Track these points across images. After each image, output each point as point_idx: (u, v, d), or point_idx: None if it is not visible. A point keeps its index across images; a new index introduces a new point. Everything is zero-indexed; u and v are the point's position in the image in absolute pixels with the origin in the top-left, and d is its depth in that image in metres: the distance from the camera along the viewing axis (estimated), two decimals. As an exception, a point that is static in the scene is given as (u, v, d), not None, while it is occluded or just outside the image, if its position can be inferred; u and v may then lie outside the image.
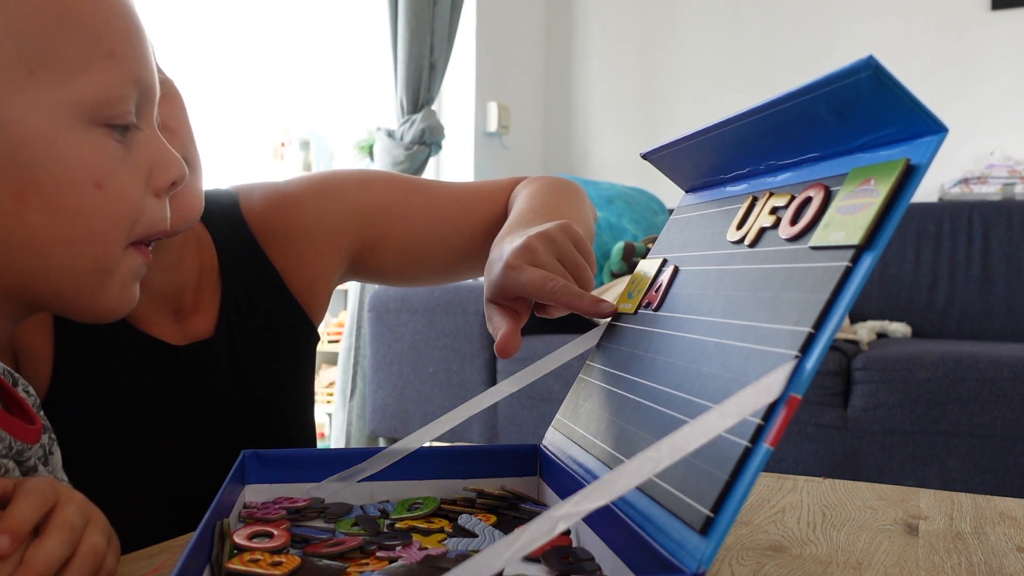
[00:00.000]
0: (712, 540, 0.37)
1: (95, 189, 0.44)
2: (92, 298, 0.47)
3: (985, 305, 2.47)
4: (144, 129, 0.48)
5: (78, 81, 0.44)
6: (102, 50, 0.45)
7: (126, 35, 0.46)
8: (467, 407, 0.59)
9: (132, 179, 0.46)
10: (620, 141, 3.31)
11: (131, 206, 0.46)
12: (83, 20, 0.44)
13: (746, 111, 0.48)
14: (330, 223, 0.83)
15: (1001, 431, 1.83)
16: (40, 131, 0.43)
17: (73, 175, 0.44)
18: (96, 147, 0.45)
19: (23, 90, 0.43)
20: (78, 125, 0.44)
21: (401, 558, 0.47)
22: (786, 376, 0.38)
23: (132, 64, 0.46)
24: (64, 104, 0.44)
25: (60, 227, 0.44)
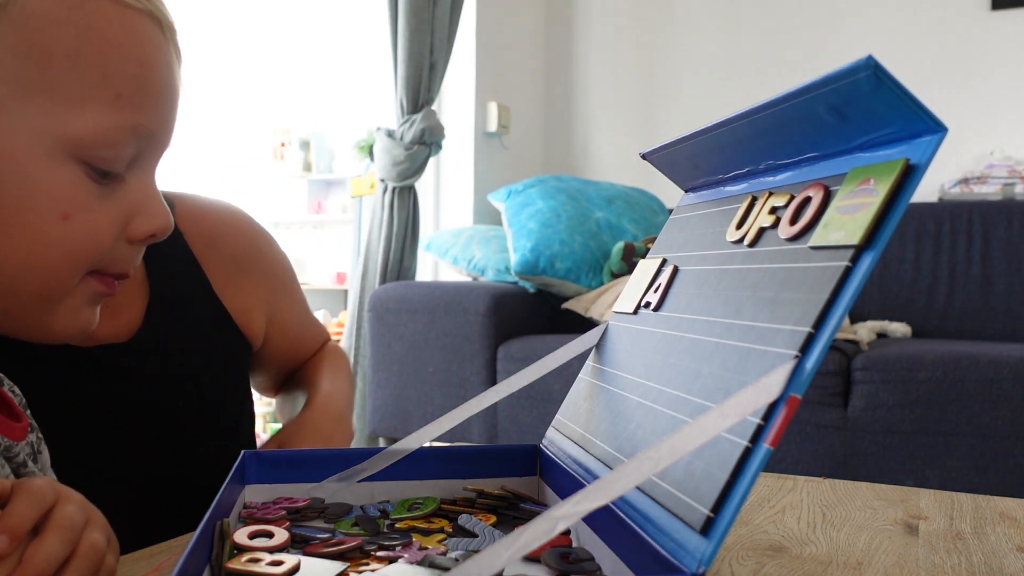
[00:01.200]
0: (712, 540, 0.37)
1: (60, 219, 0.44)
2: (40, 320, 0.47)
3: (985, 305, 2.47)
4: (136, 178, 0.47)
5: (69, 115, 0.43)
6: (106, 92, 0.44)
7: (140, 83, 0.46)
8: (467, 407, 0.59)
9: (105, 220, 0.46)
10: (620, 141, 3.31)
11: (95, 244, 0.46)
12: (94, 59, 0.44)
13: (746, 111, 0.48)
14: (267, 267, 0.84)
15: (1001, 431, 1.83)
16: (15, 150, 0.43)
17: (38, 202, 0.43)
18: (70, 181, 0.44)
19: (11, 109, 0.42)
20: (57, 157, 0.44)
21: (401, 558, 0.47)
22: (786, 376, 0.38)
23: (138, 113, 0.46)
24: (48, 134, 0.43)
25: (15, 249, 0.44)
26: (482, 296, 2.31)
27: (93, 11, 0.44)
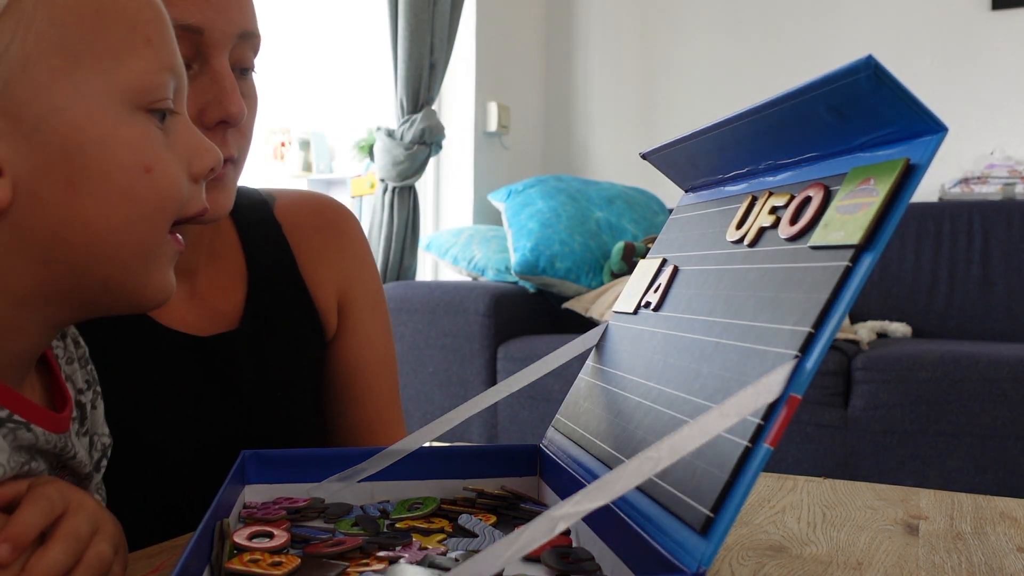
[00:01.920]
0: (712, 540, 0.37)
1: (144, 173, 0.44)
2: (139, 284, 0.47)
3: (985, 305, 2.47)
4: (179, 119, 0.48)
5: (120, 68, 0.44)
6: (138, 38, 0.45)
7: (158, 24, 0.47)
8: (467, 407, 0.59)
9: (175, 164, 0.47)
10: (620, 141, 3.31)
11: (177, 189, 0.47)
12: (117, 10, 0.45)
13: (745, 111, 0.48)
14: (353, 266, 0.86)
15: (1001, 431, 1.83)
16: (88, 118, 0.43)
17: (123, 160, 0.44)
18: (142, 132, 0.45)
19: (69, 78, 0.43)
20: (124, 111, 0.44)
21: (401, 558, 0.47)
22: (786, 376, 0.38)
23: (165, 51, 0.47)
24: (109, 91, 0.44)
25: (112, 212, 0.44)
26: (482, 296, 2.31)
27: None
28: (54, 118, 0.42)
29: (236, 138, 0.70)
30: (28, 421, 0.45)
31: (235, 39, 0.68)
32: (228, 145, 0.69)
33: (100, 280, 0.46)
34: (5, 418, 0.44)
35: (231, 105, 0.66)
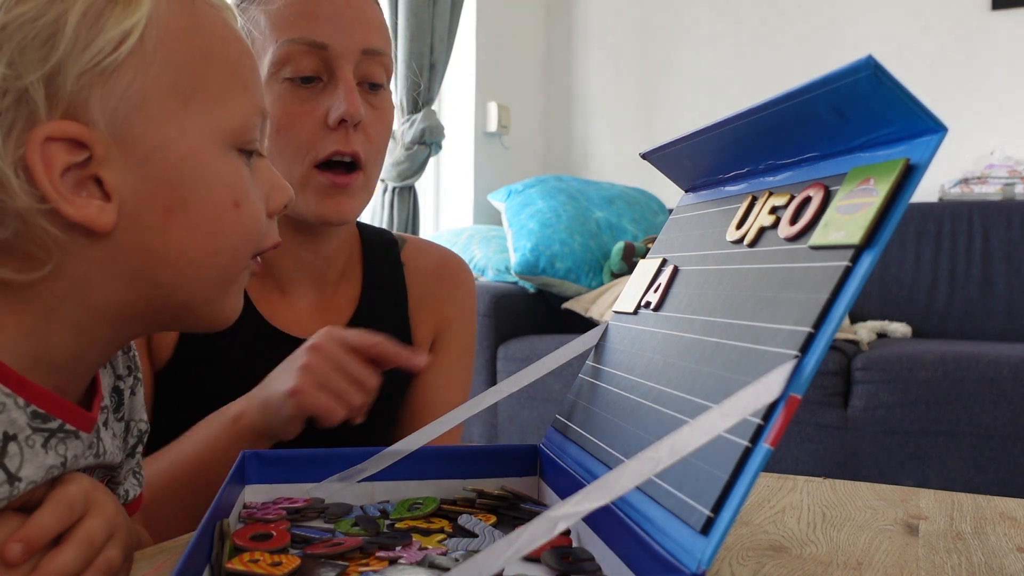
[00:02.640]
0: (712, 540, 0.37)
1: (233, 208, 0.48)
2: (216, 306, 0.51)
3: (985, 305, 2.47)
4: (260, 158, 0.52)
5: (221, 110, 0.48)
6: (238, 83, 0.49)
7: (253, 70, 0.51)
8: (467, 407, 0.59)
9: (259, 199, 0.51)
10: (620, 141, 3.31)
11: (260, 224, 0.50)
12: (221, 56, 0.49)
13: (746, 111, 0.48)
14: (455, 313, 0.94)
15: (1001, 431, 1.83)
16: (191, 153, 0.47)
17: (216, 194, 0.48)
18: (234, 170, 0.49)
19: (178, 116, 0.47)
20: (221, 149, 0.48)
21: (401, 558, 0.47)
22: (786, 376, 0.38)
23: (258, 96, 0.51)
24: (211, 130, 0.48)
25: (202, 241, 0.47)
26: (482, 296, 2.31)
27: (203, 15, 0.49)
28: (163, 152, 0.46)
29: (362, 140, 0.78)
30: (77, 429, 0.47)
31: (359, 55, 0.78)
32: (351, 142, 0.77)
33: (181, 303, 0.49)
34: (56, 428, 0.45)
35: (348, 104, 0.76)
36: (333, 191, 0.78)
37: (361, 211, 0.82)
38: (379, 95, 0.82)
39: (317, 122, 0.77)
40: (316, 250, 0.84)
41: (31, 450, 0.43)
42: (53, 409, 0.45)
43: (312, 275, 0.85)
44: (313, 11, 0.77)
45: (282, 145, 0.78)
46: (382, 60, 0.81)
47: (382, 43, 0.81)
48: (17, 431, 0.43)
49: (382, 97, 0.82)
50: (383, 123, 0.82)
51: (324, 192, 0.78)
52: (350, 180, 0.79)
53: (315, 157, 0.77)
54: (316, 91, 0.78)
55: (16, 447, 0.42)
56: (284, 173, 0.78)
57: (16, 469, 0.42)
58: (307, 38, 0.76)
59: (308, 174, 0.78)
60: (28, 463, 0.42)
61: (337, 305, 0.87)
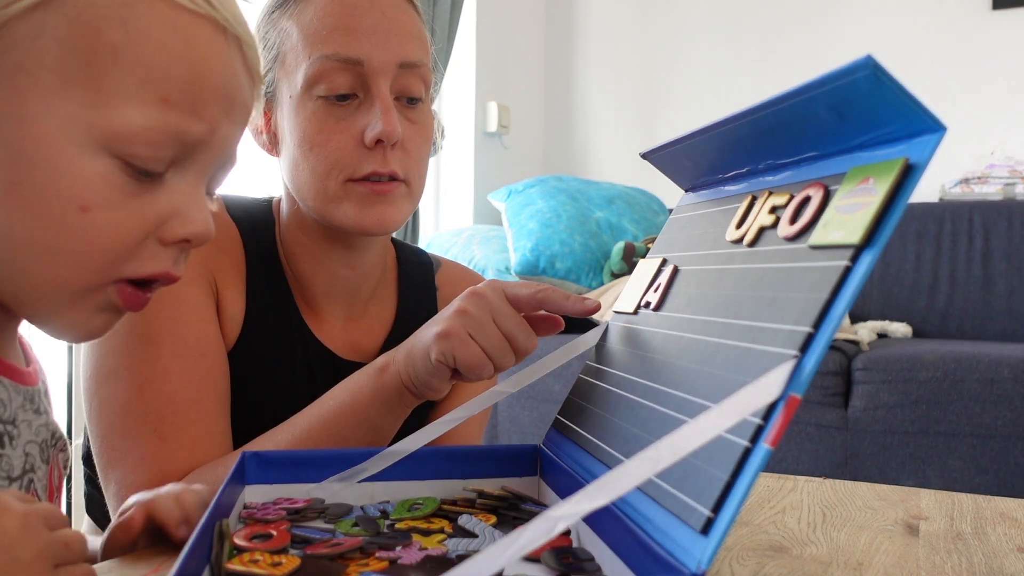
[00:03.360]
0: (712, 540, 0.37)
1: (79, 211, 0.44)
2: (48, 313, 0.47)
3: (986, 305, 2.47)
4: (181, 181, 0.47)
5: (108, 109, 0.44)
6: (150, 93, 0.44)
7: (191, 89, 0.46)
8: (467, 407, 0.59)
9: (132, 218, 0.46)
10: (620, 141, 3.31)
11: (114, 241, 0.45)
12: (139, 57, 0.44)
13: (745, 111, 0.48)
14: None
15: (1002, 431, 1.83)
16: (45, 135, 0.43)
17: (63, 189, 0.44)
18: (98, 175, 0.44)
19: (49, 96, 0.43)
20: (88, 148, 0.44)
21: (401, 558, 0.47)
22: (786, 376, 0.38)
23: (186, 121, 0.46)
24: (84, 124, 0.44)
25: (35, 232, 0.44)
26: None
27: (145, 12, 0.45)
28: (15, 123, 0.43)
29: (400, 157, 0.76)
30: None
31: (395, 69, 0.75)
32: (388, 162, 0.75)
33: (11, 291, 0.47)
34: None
35: (384, 124, 0.73)
36: (373, 199, 0.75)
37: (404, 221, 0.79)
38: (417, 108, 0.79)
39: (353, 140, 0.75)
40: (353, 265, 0.82)
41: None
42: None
43: (346, 291, 0.83)
44: (347, 24, 0.74)
45: (315, 163, 0.76)
46: (420, 72, 0.78)
47: (420, 54, 0.78)
48: None
49: (420, 110, 0.80)
50: (422, 137, 0.79)
51: (364, 201, 0.75)
52: (391, 188, 0.76)
53: (350, 175, 0.75)
54: (352, 108, 0.75)
55: None
56: (317, 190, 0.76)
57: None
58: (341, 55, 0.73)
59: (344, 187, 0.75)
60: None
61: (370, 324, 0.86)
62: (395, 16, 0.76)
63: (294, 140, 0.76)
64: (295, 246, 0.82)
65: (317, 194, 0.77)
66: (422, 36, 0.80)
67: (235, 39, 0.48)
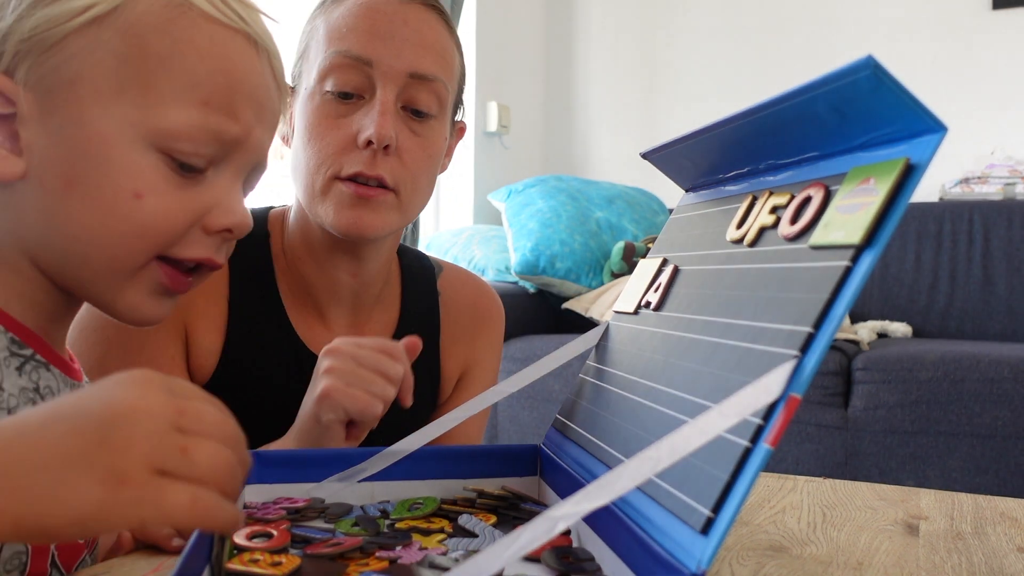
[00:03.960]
0: (712, 540, 0.37)
1: (133, 197, 0.49)
2: (110, 295, 0.52)
3: (986, 305, 2.47)
4: (220, 177, 0.53)
5: (156, 111, 0.49)
6: (193, 97, 0.50)
7: (228, 93, 0.51)
8: (467, 407, 0.59)
9: (179, 205, 0.51)
10: (620, 141, 3.31)
11: (165, 224, 0.51)
12: (184, 65, 0.50)
13: (746, 110, 0.48)
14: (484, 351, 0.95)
15: (1002, 431, 1.83)
16: (102, 135, 0.49)
17: (118, 180, 0.49)
18: (146, 165, 0.49)
19: (105, 101, 0.49)
20: (139, 143, 0.49)
21: (400, 558, 0.47)
22: (786, 376, 0.38)
23: (223, 119, 0.51)
24: (136, 123, 0.49)
25: (93, 221, 0.49)
26: (482, 296, 2.31)
27: (188, 25, 0.50)
28: (77, 127, 0.49)
29: (393, 165, 0.75)
30: (48, 361, 0.52)
31: (404, 78, 0.76)
32: (376, 165, 0.75)
33: (74, 277, 0.52)
34: (29, 356, 0.51)
35: (377, 126, 0.73)
36: (354, 201, 0.75)
37: (386, 231, 0.77)
38: (424, 123, 0.78)
39: (347, 139, 0.75)
40: (354, 272, 0.82)
41: (7, 370, 0.49)
42: (27, 339, 0.51)
43: (349, 298, 0.84)
44: (366, 26, 0.75)
45: (309, 155, 0.76)
46: (433, 87, 0.77)
47: (435, 69, 0.77)
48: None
49: (428, 125, 0.78)
50: (424, 152, 0.78)
51: (345, 201, 0.75)
52: (375, 193, 0.75)
53: (336, 172, 0.75)
54: (353, 108, 0.76)
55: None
56: (306, 184, 0.77)
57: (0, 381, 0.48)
58: (352, 52, 0.74)
59: (329, 183, 0.75)
60: (7, 379, 0.49)
61: (374, 330, 0.87)
62: (418, 27, 0.77)
63: (299, 131, 0.78)
64: (299, 249, 0.82)
65: (305, 188, 0.78)
66: (446, 54, 0.79)
67: (264, 51, 0.54)
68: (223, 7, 0.52)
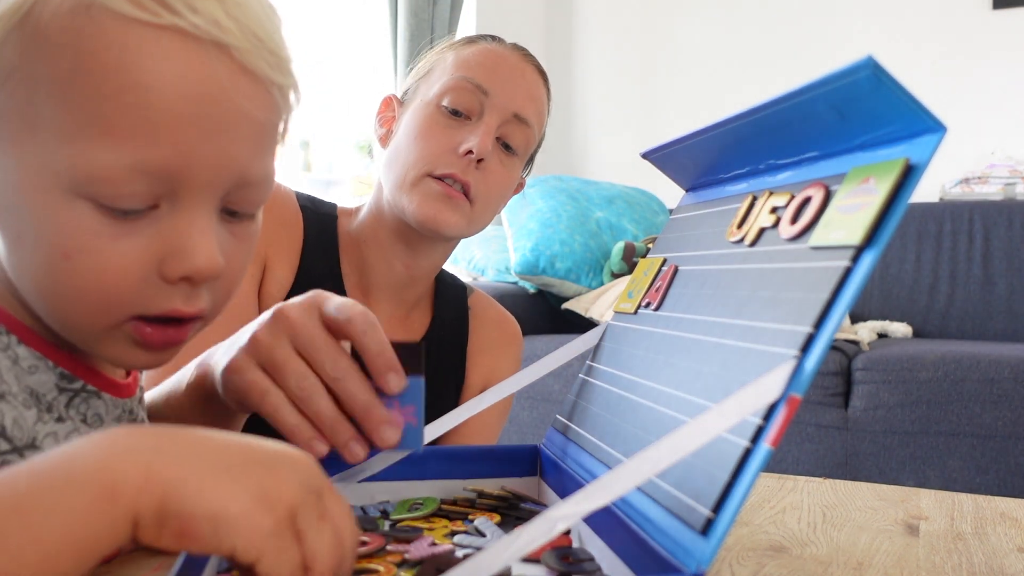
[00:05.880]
0: (712, 540, 0.37)
1: (62, 259, 0.41)
2: (89, 347, 0.47)
3: (986, 305, 2.47)
4: (174, 215, 0.43)
5: (65, 150, 0.40)
6: (97, 125, 0.39)
7: (144, 114, 0.40)
8: (467, 407, 0.59)
9: (121, 259, 0.42)
10: (620, 141, 3.31)
11: (105, 284, 0.42)
12: (86, 87, 0.39)
13: (746, 111, 0.48)
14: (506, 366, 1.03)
15: (1002, 431, 1.83)
16: (23, 187, 0.41)
17: (47, 238, 0.41)
18: (72, 220, 0.41)
19: (23, 139, 0.41)
20: (61, 193, 0.41)
21: (407, 552, 0.47)
22: (786, 376, 0.38)
23: (143, 147, 0.40)
24: (50, 169, 0.40)
25: (36, 279, 0.43)
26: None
27: (95, 33, 0.39)
28: (5, 173, 0.42)
29: (478, 178, 0.86)
30: (98, 389, 0.50)
31: (510, 115, 0.88)
32: (468, 172, 0.85)
33: (50, 324, 0.46)
34: (79, 389, 0.49)
35: (480, 141, 0.84)
36: (439, 197, 0.85)
37: (455, 231, 0.86)
38: (510, 157, 0.90)
39: (449, 146, 0.85)
40: (408, 264, 0.91)
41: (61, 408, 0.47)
42: (75, 370, 0.48)
43: (397, 288, 0.93)
44: (493, 65, 0.89)
45: (409, 152, 0.86)
46: (525, 131, 0.89)
47: (533, 116, 0.90)
48: (47, 391, 0.47)
49: (512, 161, 0.90)
50: (504, 179, 0.89)
51: (431, 195, 0.85)
52: (458, 196, 0.85)
53: (431, 170, 0.85)
54: (459, 124, 0.87)
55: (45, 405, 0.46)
56: (399, 176, 0.87)
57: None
58: (476, 80, 0.87)
59: (421, 178, 0.85)
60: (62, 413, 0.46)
61: (409, 327, 0.95)
62: (531, 80, 0.91)
63: (405, 133, 0.88)
64: (366, 232, 0.92)
65: (397, 179, 0.87)
66: (542, 109, 0.93)
67: (217, 45, 0.42)
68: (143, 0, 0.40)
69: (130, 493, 0.30)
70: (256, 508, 0.31)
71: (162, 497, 0.31)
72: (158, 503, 0.31)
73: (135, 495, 0.30)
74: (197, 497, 0.31)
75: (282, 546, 0.32)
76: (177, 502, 0.31)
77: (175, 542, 0.31)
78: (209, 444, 0.33)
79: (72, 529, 0.29)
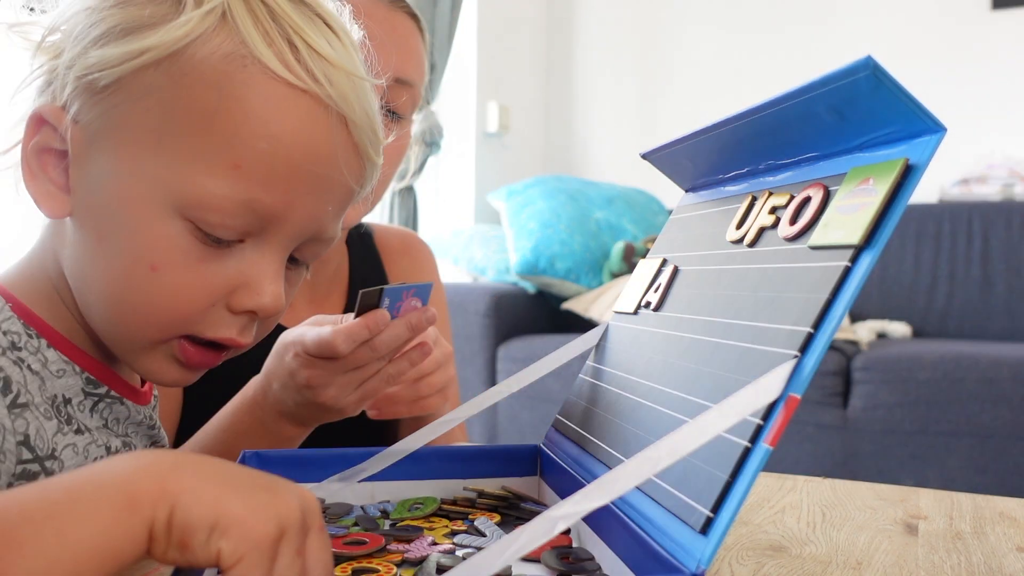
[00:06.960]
0: (712, 540, 0.37)
1: (149, 269, 0.45)
2: (126, 357, 0.50)
3: (985, 305, 2.47)
4: (256, 251, 0.47)
5: (185, 174, 0.44)
6: (224, 159, 0.44)
7: (268, 160, 0.45)
8: (467, 407, 0.59)
9: (199, 282, 0.46)
10: (620, 141, 3.31)
11: (180, 301, 0.46)
12: (225, 125, 0.44)
13: (745, 111, 0.48)
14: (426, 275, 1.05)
15: (1001, 431, 1.83)
16: (130, 195, 0.45)
17: (137, 246, 0.45)
18: (169, 235, 0.45)
19: (142, 156, 0.45)
20: (166, 209, 0.45)
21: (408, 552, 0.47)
22: (785, 376, 0.38)
23: (257, 188, 0.45)
24: (165, 186, 0.45)
25: (112, 285, 0.46)
26: (482, 296, 2.31)
27: (245, 81, 0.44)
28: (110, 180, 0.45)
29: None
30: (121, 396, 0.52)
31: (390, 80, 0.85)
32: None
33: (96, 326, 0.49)
34: (103, 394, 0.51)
35: None
36: None
37: (359, 220, 0.85)
38: (398, 124, 0.84)
39: None
40: None
41: (82, 413, 0.49)
42: (101, 375, 0.50)
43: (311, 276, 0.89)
44: None
45: None
46: (411, 91, 0.83)
47: (415, 75, 0.83)
48: (73, 395, 0.49)
49: (400, 126, 0.84)
50: (394, 151, 0.83)
51: None
52: None
53: None
54: None
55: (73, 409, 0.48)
56: None
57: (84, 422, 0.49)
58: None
59: None
60: (86, 420, 0.49)
61: (331, 302, 0.93)
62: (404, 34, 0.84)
63: None
64: None
65: None
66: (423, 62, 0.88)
67: (338, 115, 0.47)
68: (293, 63, 0.45)
69: (147, 504, 0.31)
70: (250, 516, 0.32)
71: (172, 508, 0.32)
72: (168, 515, 0.32)
73: (151, 507, 0.31)
74: (198, 505, 0.32)
75: (259, 561, 0.32)
76: (182, 511, 0.32)
77: (178, 554, 0.32)
78: (222, 465, 0.35)
79: (100, 538, 0.30)
